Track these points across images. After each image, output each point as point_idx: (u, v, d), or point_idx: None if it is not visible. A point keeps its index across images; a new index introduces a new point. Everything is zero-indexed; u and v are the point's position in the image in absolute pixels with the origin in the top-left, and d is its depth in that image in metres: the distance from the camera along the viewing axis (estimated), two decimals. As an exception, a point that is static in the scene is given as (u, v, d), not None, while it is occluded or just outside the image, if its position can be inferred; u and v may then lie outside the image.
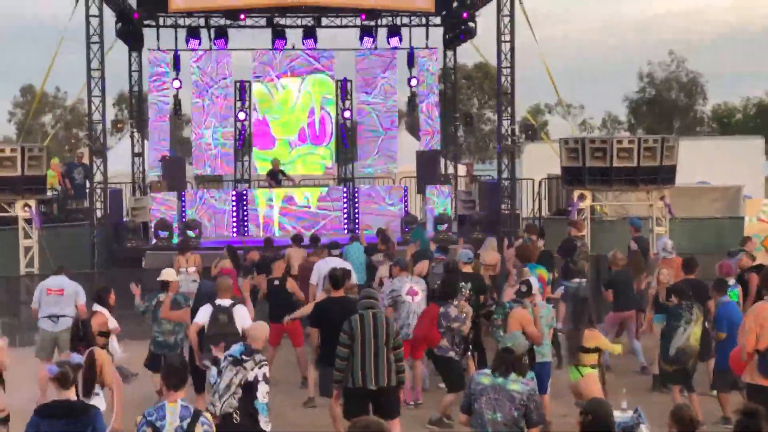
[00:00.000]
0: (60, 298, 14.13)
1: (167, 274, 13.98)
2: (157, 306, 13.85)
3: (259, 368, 9.21)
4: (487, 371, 8.41)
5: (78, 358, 8.13)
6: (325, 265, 15.61)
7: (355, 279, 15.35)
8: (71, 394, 7.81)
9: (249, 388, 9.13)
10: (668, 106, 63.92)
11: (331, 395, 11.26)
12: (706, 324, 12.73)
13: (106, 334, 12.33)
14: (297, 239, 18.92)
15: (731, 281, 13.92)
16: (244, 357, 9.21)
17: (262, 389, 9.18)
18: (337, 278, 11.91)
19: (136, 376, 15.15)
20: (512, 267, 15.97)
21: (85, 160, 23.86)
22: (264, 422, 9.24)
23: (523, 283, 12.01)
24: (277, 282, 14.81)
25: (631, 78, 66.35)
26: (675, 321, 12.16)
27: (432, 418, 12.52)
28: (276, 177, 25.48)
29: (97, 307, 12.61)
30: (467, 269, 14.34)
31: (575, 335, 11.28)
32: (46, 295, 14.15)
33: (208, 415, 7.71)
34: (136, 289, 14.30)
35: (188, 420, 7.39)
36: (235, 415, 9.09)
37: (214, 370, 9.81)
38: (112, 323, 12.69)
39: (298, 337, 14.74)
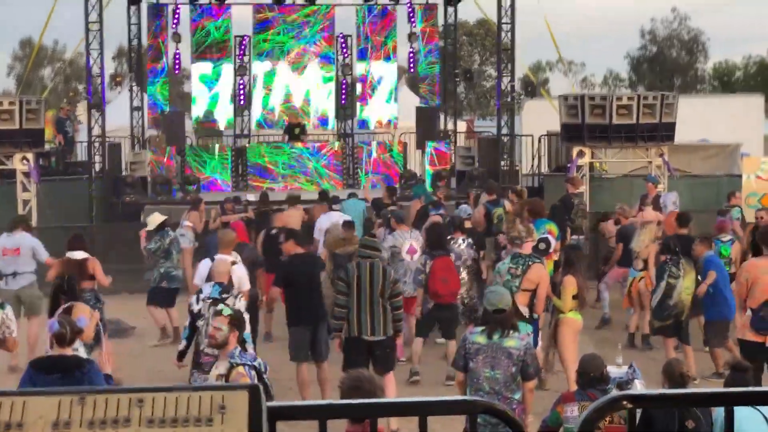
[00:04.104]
0: (16, 258, 13.28)
1: (158, 218, 14.41)
2: (170, 243, 14.44)
3: (239, 301, 9.57)
4: (480, 329, 8.40)
5: (84, 321, 8.12)
6: (327, 219, 15.65)
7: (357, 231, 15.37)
8: (67, 350, 7.85)
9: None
10: (669, 64, 63.66)
11: (300, 359, 11.27)
12: (699, 278, 12.80)
13: (92, 278, 12.30)
14: (292, 198, 18.82)
15: (726, 237, 14.04)
16: (223, 295, 9.43)
17: (246, 319, 9.45)
18: (295, 234, 11.87)
19: (135, 329, 15.26)
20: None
21: (81, 114, 23.78)
22: (251, 349, 9.56)
23: (541, 241, 11.92)
24: (274, 231, 14.81)
25: (634, 35, 66.05)
26: (660, 275, 12.26)
27: (450, 375, 12.46)
28: (292, 132, 25.47)
29: (79, 254, 12.31)
30: (467, 224, 14.33)
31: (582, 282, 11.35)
32: (1, 255, 13.28)
33: None
34: (144, 233, 14.58)
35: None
36: None
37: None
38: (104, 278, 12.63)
39: None
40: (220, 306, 8.39)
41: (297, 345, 11.36)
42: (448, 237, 13.50)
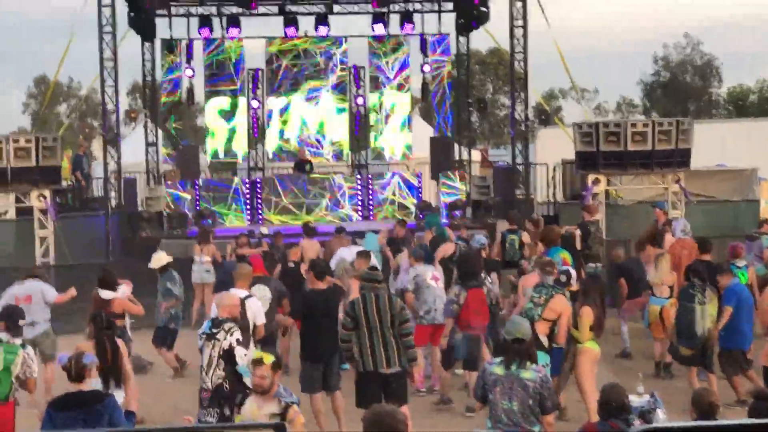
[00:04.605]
0: (29, 306, 13.12)
1: (163, 258, 14.76)
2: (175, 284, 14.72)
3: (231, 335, 9.64)
4: (499, 360, 8.36)
5: (90, 358, 8.07)
6: (348, 251, 15.62)
7: (375, 262, 15.34)
8: (84, 386, 7.82)
9: (228, 356, 9.47)
10: (683, 89, 63.56)
11: (312, 391, 11.24)
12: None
13: (122, 316, 12.46)
14: (308, 229, 18.79)
15: (741, 263, 13.93)
16: (213, 330, 9.59)
17: (239, 353, 9.51)
18: (319, 268, 11.69)
19: (153, 365, 15.21)
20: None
21: (96, 150, 23.91)
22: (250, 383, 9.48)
23: (563, 273, 11.87)
24: (292, 265, 14.77)
25: (646, 61, 66.08)
26: (688, 302, 12.14)
27: (470, 406, 12.36)
28: (302, 167, 25.53)
29: (108, 293, 12.48)
30: (482, 254, 14.26)
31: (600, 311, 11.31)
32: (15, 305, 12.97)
33: None
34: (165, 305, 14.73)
35: None
36: (225, 384, 9.33)
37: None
38: (135, 307, 12.86)
39: None
40: (258, 354, 8.32)
41: (309, 378, 11.32)
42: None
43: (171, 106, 27.14)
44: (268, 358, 8.02)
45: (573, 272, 11.95)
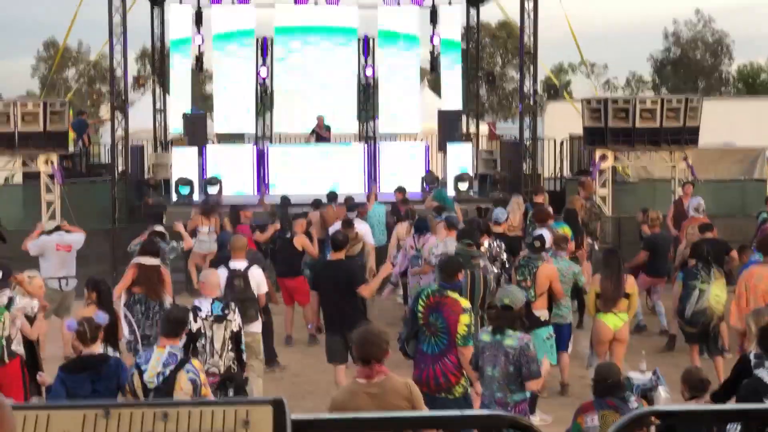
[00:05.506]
0: (67, 255, 13.75)
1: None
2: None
3: (237, 316, 9.60)
4: (489, 328, 8.40)
5: (102, 317, 8.18)
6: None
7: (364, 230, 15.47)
8: (95, 349, 7.91)
9: (236, 338, 9.50)
10: (693, 66, 63.30)
11: (338, 362, 11.18)
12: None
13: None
14: (316, 202, 18.72)
15: None
16: (225, 312, 9.50)
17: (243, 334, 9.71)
18: (336, 241, 11.61)
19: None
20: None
21: (105, 115, 23.84)
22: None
23: (536, 239, 11.85)
24: (287, 236, 14.74)
25: (657, 37, 65.73)
26: (691, 281, 12.11)
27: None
28: (318, 134, 25.52)
29: (153, 260, 12.14)
30: (498, 229, 14.13)
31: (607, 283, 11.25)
32: (54, 250, 13.56)
33: (197, 362, 7.93)
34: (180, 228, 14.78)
35: (172, 366, 7.54)
36: (232, 365, 9.44)
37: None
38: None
39: (305, 295, 14.24)
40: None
41: (330, 349, 11.34)
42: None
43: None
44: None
45: (547, 235, 11.89)
